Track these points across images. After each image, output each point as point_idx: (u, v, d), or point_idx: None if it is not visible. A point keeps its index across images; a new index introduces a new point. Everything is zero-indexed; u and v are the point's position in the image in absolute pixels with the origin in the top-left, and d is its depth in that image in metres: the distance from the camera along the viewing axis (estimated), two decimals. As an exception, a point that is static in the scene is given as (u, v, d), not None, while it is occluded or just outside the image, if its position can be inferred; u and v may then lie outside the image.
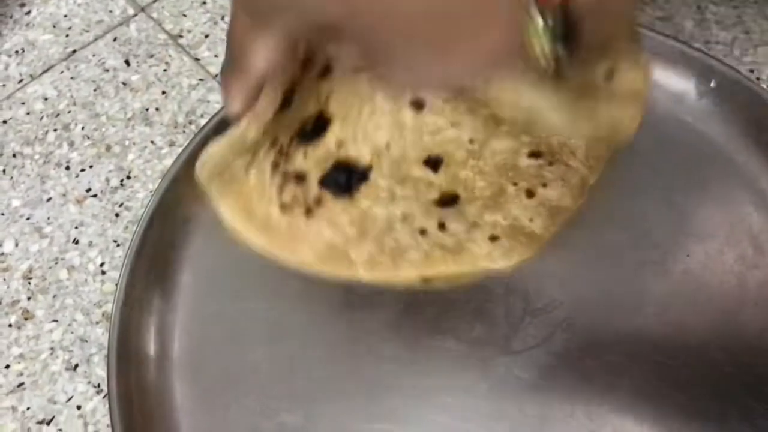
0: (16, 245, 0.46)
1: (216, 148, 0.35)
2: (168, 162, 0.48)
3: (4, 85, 0.53)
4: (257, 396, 0.39)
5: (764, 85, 0.47)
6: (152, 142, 0.50)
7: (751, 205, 0.43)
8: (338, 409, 0.39)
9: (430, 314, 0.41)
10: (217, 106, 0.49)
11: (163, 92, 0.51)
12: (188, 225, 0.44)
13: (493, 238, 0.36)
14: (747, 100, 0.45)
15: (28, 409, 0.41)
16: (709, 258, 0.42)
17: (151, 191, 0.47)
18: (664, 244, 0.42)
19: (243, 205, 0.35)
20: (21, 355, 0.43)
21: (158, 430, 0.38)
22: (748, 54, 0.50)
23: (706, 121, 0.46)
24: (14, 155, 0.50)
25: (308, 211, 0.34)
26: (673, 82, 0.46)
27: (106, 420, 0.40)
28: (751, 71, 0.49)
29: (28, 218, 0.47)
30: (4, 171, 0.49)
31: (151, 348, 0.40)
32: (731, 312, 0.40)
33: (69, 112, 0.51)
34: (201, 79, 0.52)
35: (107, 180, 0.48)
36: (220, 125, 0.46)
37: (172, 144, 0.49)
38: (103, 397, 0.41)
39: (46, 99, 0.52)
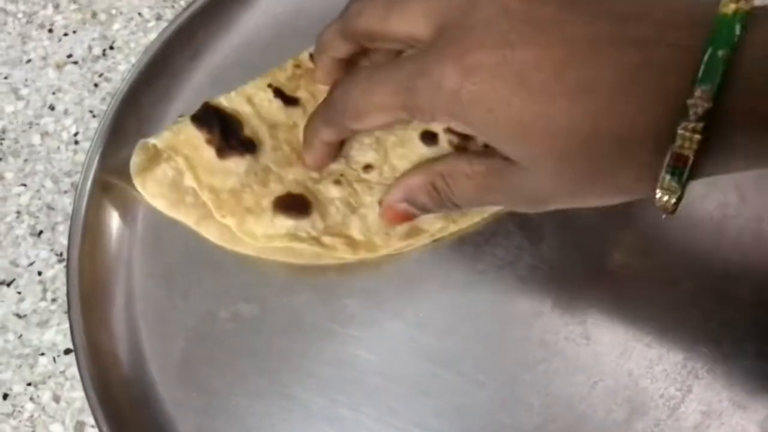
0: (-9, 104, 0.46)
1: None
2: (153, 36, 0.46)
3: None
4: (216, 282, 0.40)
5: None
6: (139, 13, 0.48)
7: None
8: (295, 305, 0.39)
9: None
10: (210, -16, 0.47)
11: (156, -37, 0.49)
12: (165, 103, 0.43)
13: None
14: None
15: (-11, 268, 0.42)
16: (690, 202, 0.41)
17: (133, 64, 0.46)
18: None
19: None
20: (-14, 216, 0.43)
21: (113, 302, 0.38)
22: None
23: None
24: (-4, 10, 0.48)
25: None
26: None
27: (65, 288, 0.40)
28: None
29: (5, 77, 0.46)
30: (-15, 26, 0.48)
31: (115, 221, 0.40)
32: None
33: (57, -28, 0.49)
34: (197, -47, 0.49)
35: (90, 48, 0.47)
36: (208, 5, 0.45)
37: (159, 18, 0.48)
38: (65, 266, 0.41)
39: (34, -45, 0.50)
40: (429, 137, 0.41)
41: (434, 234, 0.40)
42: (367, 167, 0.41)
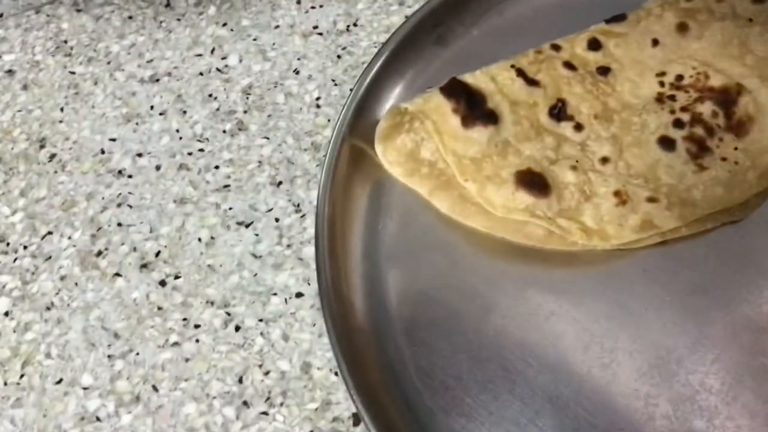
0: (240, 61, 0.49)
1: None
2: (395, 19, 0.49)
3: None
4: (445, 256, 0.41)
5: None
6: (383, -5, 0.51)
7: None
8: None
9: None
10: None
11: (402, -48, 0.52)
12: (409, 81, 0.45)
13: None
14: None
15: (230, 209, 0.44)
16: None
17: (375, 42, 0.48)
18: None
19: None
20: (230, 161, 0.45)
21: (354, 256, 0.41)
22: None
23: None
24: (250, -21, 0.52)
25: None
26: None
27: (300, 237, 0.43)
28: None
29: (254, 39, 0.49)
30: (237, -9, 0.51)
31: (359, 183, 0.42)
32: None
33: (309, -50, 0.53)
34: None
35: (335, 22, 0.50)
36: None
37: (401, 3, 0.50)
38: (301, 216, 0.43)
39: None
40: (667, 143, 0.42)
41: (665, 234, 0.41)
42: (604, 159, 0.42)
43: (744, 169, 0.41)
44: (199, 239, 0.43)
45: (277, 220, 0.43)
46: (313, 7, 0.50)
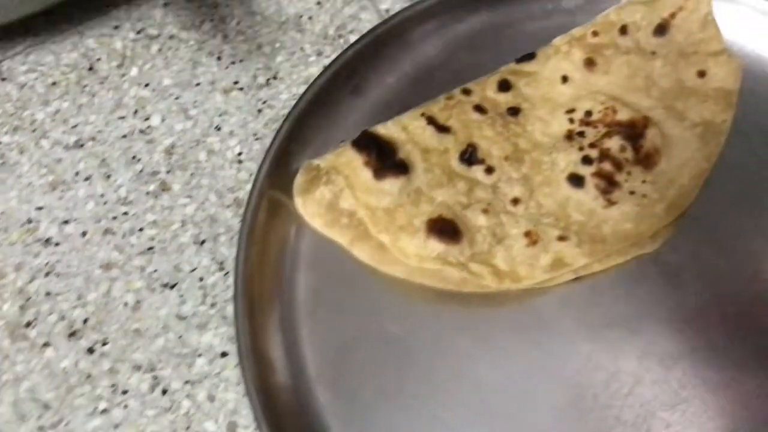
0: (162, 121, 0.49)
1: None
2: (313, 70, 0.50)
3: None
4: (367, 302, 0.42)
5: None
6: (301, 48, 0.51)
7: None
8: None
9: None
10: (368, 25, 0.51)
11: (318, 2, 0.53)
12: (327, 131, 0.46)
13: None
14: None
15: (155, 271, 0.45)
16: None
17: (294, 94, 0.49)
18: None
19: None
20: (154, 222, 0.46)
21: (274, 311, 0.41)
22: None
23: None
24: (171, 37, 0.53)
25: None
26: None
27: (224, 295, 0.43)
28: None
29: (176, 98, 0.50)
30: (159, 50, 0.52)
31: (278, 236, 0.43)
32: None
33: (227, 6, 0.53)
34: (355, -4, 0.53)
35: (254, 76, 0.51)
36: (369, 45, 0.48)
37: (319, 54, 0.51)
38: (225, 274, 0.44)
39: (207, -10, 0.54)
40: (576, 180, 0.43)
41: (577, 270, 0.42)
42: (515, 200, 0.43)
43: (652, 201, 0.42)
44: (126, 304, 0.43)
45: (201, 279, 0.44)
46: (233, 63, 0.51)
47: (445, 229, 0.41)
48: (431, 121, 0.45)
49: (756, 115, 0.45)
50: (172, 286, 0.44)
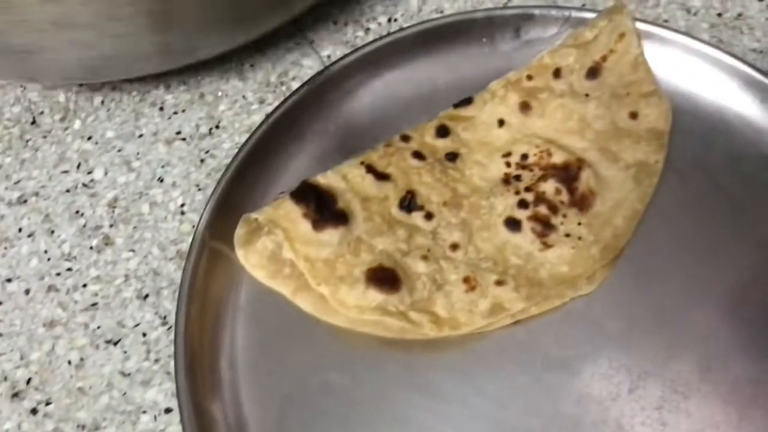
0: (105, 174, 0.50)
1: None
2: (256, 118, 0.51)
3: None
4: (310, 352, 0.42)
5: None
6: (244, 96, 0.52)
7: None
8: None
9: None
10: (310, 72, 0.52)
11: (260, 50, 0.54)
12: (269, 181, 0.47)
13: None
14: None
15: (98, 327, 0.44)
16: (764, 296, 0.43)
17: (237, 143, 0.50)
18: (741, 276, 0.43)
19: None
20: (98, 278, 0.46)
21: (216, 365, 0.41)
22: (841, 101, 0.50)
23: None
24: (113, 88, 0.53)
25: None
26: (760, 118, 0.47)
27: (168, 350, 0.43)
28: (839, 118, 0.49)
29: (119, 150, 0.50)
30: (102, 102, 0.52)
31: (220, 288, 0.43)
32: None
33: (170, 55, 0.54)
34: (298, 43, 0.54)
35: (197, 126, 0.51)
36: (310, 93, 0.49)
37: (262, 101, 0.52)
38: (168, 329, 0.44)
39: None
40: (513, 224, 0.44)
41: (516, 315, 0.42)
42: (454, 246, 0.44)
43: (588, 243, 0.43)
44: (69, 362, 0.43)
45: (144, 334, 0.44)
46: (175, 113, 0.51)
47: (385, 278, 0.42)
48: (370, 169, 0.45)
49: (689, 153, 0.47)
50: (116, 343, 0.44)
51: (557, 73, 0.48)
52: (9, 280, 0.46)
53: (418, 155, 0.46)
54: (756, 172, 0.46)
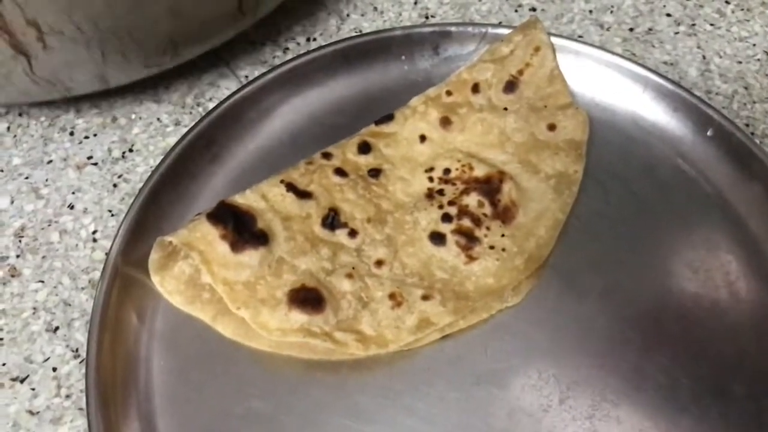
0: (12, 202, 0.47)
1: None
2: (171, 140, 0.49)
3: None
4: (231, 378, 0.40)
5: (757, 140, 0.49)
6: (158, 119, 0.50)
7: (731, 253, 0.45)
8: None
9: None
10: (227, 92, 0.50)
11: (175, 72, 0.52)
12: (185, 203, 0.45)
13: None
14: (740, 152, 0.47)
15: (3, 365, 0.42)
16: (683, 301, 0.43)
17: (151, 166, 0.48)
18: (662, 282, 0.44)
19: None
20: (3, 311, 0.43)
21: (131, 398, 0.39)
22: (746, 108, 0.52)
23: (700, 167, 0.47)
24: (20, 114, 0.50)
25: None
26: (673, 126, 0.48)
27: (80, 385, 0.41)
28: (747, 125, 0.51)
29: (26, 177, 0.48)
30: (8, 128, 0.50)
31: (134, 317, 0.41)
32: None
33: (80, 78, 0.52)
34: (214, 64, 0.53)
35: (109, 150, 0.49)
36: (226, 112, 0.48)
37: (177, 123, 0.50)
38: (80, 362, 0.41)
39: (58, 63, 0.53)
40: (438, 238, 0.43)
41: (443, 329, 0.41)
42: (379, 263, 0.43)
43: (512, 255, 0.43)
44: (-29, 403, 0.41)
45: (54, 369, 0.41)
46: (87, 137, 0.49)
47: (308, 298, 0.40)
48: (291, 187, 0.44)
49: (607, 162, 0.47)
50: (23, 380, 0.41)
51: (476, 88, 0.48)
52: None
53: (340, 172, 0.45)
54: (670, 178, 0.47)
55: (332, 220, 0.43)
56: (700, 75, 0.53)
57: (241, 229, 0.42)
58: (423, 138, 0.47)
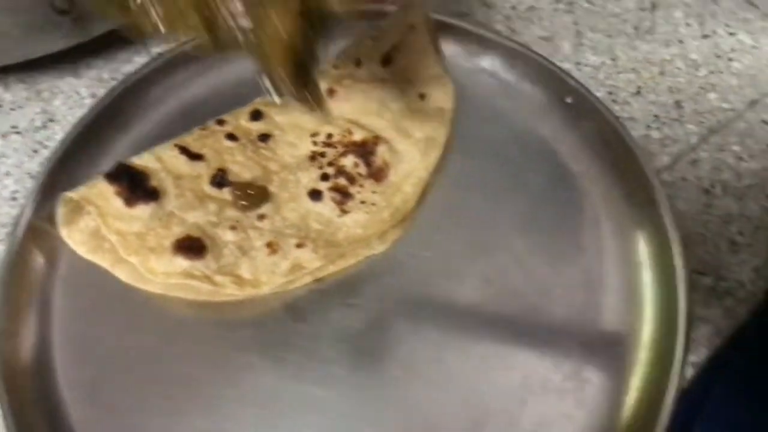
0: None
1: None
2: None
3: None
4: (126, 318, 0.46)
5: (618, 107, 0.54)
6: (77, 92, 0.56)
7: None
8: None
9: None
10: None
11: (94, 51, 0.57)
12: (93, 166, 0.50)
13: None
14: (596, 118, 0.52)
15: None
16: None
17: (67, 132, 0.53)
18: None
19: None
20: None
21: (29, 332, 0.45)
22: (610, 78, 0.57)
23: (558, 130, 0.53)
24: (-45, 89, 0.56)
25: None
26: (535, 94, 0.53)
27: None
28: (610, 93, 0.56)
29: (-45, 144, 0.54)
30: (-61, 100, 0.56)
31: (40, 262, 0.47)
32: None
33: (9, 57, 0.57)
34: (131, 42, 0.58)
35: (32, 120, 0.55)
36: (135, 84, 0.53)
37: (93, 96, 0.56)
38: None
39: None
40: (316, 194, 0.48)
41: (314, 273, 0.47)
42: (261, 216, 0.48)
43: (380, 209, 0.48)
44: None
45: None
46: (12, 109, 0.55)
47: (191, 246, 0.46)
48: (184, 150, 0.49)
49: (476, 127, 0.53)
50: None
51: (358, 63, 0.53)
52: None
53: (231, 137, 0.51)
54: (531, 141, 0.52)
55: (220, 179, 0.49)
56: (573, 48, 0.58)
57: (135, 186, 0.47)
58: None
